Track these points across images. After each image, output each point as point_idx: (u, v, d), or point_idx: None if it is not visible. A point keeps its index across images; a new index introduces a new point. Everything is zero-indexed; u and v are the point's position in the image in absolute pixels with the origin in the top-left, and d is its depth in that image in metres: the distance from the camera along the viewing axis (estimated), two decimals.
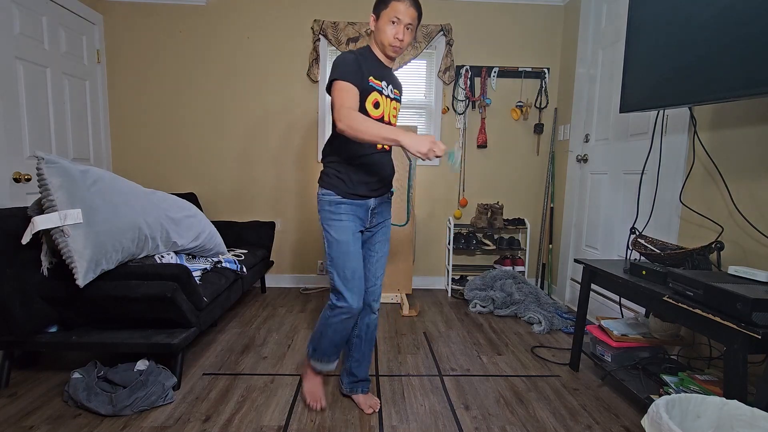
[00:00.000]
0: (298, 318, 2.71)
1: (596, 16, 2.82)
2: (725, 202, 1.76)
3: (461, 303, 3.10)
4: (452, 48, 3.19)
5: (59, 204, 1.58)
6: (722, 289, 1.23)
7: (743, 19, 1.35)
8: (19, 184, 2.25)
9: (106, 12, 3.07)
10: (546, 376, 2.00)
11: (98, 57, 3.02)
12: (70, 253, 1.57)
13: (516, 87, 3.30)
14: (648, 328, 1.90)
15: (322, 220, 1.56)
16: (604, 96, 2.70)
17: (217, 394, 1.78)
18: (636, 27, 1.82)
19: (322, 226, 1.56)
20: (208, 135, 3.25)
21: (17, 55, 2.28)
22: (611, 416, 1.68)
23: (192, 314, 1.86)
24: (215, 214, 3.32)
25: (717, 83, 1.45)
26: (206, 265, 2.23)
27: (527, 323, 2.70)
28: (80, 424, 1.55)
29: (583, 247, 2.91)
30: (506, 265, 3.29)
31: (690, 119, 1.94)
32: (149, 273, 1.79)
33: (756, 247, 1.62)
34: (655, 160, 2.14)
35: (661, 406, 0.98)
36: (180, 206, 2.18)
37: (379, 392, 1.82)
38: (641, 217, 2.23)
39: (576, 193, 3.00)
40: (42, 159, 1.58)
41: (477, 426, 1.59)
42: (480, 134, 3.29)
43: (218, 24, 3.15)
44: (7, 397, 1.71)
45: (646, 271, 1.64)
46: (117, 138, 3.20)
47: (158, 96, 3.19)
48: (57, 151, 2.60)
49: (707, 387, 1.51)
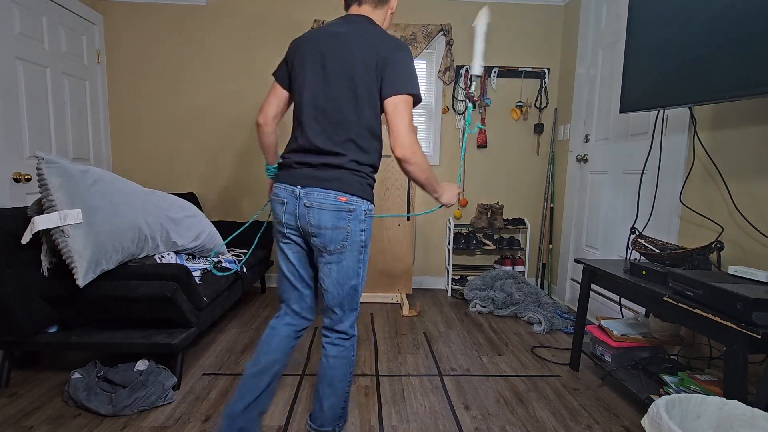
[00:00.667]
0: None
1: (596, 16, 2.82)
2: (725, 202, 1.76)
3: (461, 303, 3.10)
4: (452, 48, 3.19)
5: (59, 204, 1.58)
6: (722, 289, 1.23)
7: (743, 19, 1.35)
8: (19, 184, 2.25)
9: (106, 12, 3.07)
10: (546, 376, 2.00)
11: (98, 57, 3.02)
12: (70, 253, 1.57)
13: (516, 87, 3.30)
14: (648, 328, 1.90)
15: (363, 238, 1.28)
16: (604, 96, 2.70)
17: (217, 394, 1.78)
18: (636, 27, 1.82)
19: (359, 245, 1.27)
20: (208, 135, 3.25)
21: (17, 55, 2.28)
22: (611, 416, 1.68)
23: (192, 314, 1.86)
24: (215, 214, 3.32)
25: (717, 83, 1.45)
26: (206, 265, 2.23)
27: (527, 323, 2.70)
28: (80, 424, 1.55)
29: (583, 247, 2.91)
30: (506, 265, 3.29)
31: (690, 119, 1.94)
32: (149, 273, 1.78)
33: (756, 247, 1.62)
34: (655, 160, 2.14)
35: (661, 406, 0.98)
36: (180, 206, 2.18)
37: (379, 392, 1.82)
38: (641, 217, 2.23)
39: (576, 193, 3.00)
40: (42, 159, 1.58)
41: (477, 426, 1.59)
42: (480, 134, 3.29)
43: (218, 24, 3.15)
44: (7, 397, 1.71)
45: (646, 271, 1.64)
46: (117, 138, 3.20)
47: (158, 96, 3.19)
48: (57, 151, 2.60)
49: (707, 387, 1.51)
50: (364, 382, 1.90)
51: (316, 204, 1.22)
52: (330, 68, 1.23)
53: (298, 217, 1.25)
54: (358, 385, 1.88)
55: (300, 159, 1.26)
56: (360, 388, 1.85)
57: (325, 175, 1.23)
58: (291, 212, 1.26)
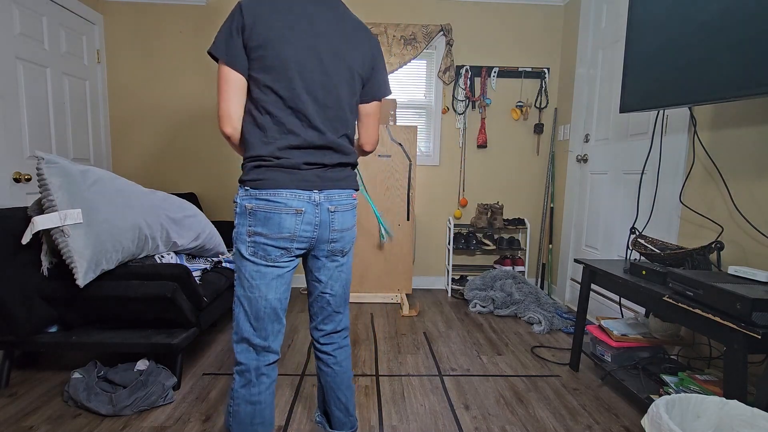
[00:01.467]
0: (299, 318, 2.71)
1: (596, 16, 2.82)
2: (725, 202, 1.76)
3: (461, 303, 3.10)
4: (452, 48, 3.19)
5: (59, 204, 1.58)
6: (722, 289, 1.23)
7: (743, 19, 1.35)
8: (19, 184, 2.25)
9: (106, 12, 3.07)
10: (546, 376, 2.00)
11: (98, 57, 3.02)
12: (70, 253, 1.57)
13: (516, 87, 3.30)
14: (648, 328, 1.90)
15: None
16: (604, 96, 2.70)
17: (217, 394, 1.78)
18: (636, 27, 1.82)
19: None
20: (208, 135, 3.25)
21: (17, 55, 2.28)
22: (611, 416, 1.68)
23: (192, 314, 1.86)
24: (215, 214, 3.32)
25: (717, 83, 1.45)
26: (206, 265, 2.23)
27: (527, 323, 2.70)
28: (80, 424, 1.55)
29: (583, 247, 2.91)
30: (506, 265, 3.29)
31: (690, 119, 1.94)
32: (149, 273, 1.78)
33: (756, 247, 1.62)
34: (655, 160, 2.14)
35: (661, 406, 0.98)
36: (180, 206, 2.18)
37: (379, 392, 1.82)
38: (641, 217, 2.23)
39: (576, 193, 3.00)
40: (42, 159, 1.58)
41: (477, 426, 1.59)
42: (480, 134, 3.29)
43: (218, 24, 3.14)
44: (7, 397, 1.71)
45: (646, 271, 1.64)
46: (117, 138, 3.20)
47: (158, 96, 3.19)
48: (57, 151, 2.60)
49: (707, 387, 1.51)
50: (364, 382, 1.90)
51: (340, 207, 1.14)
52: (326, 56, 1.07)
53: (319, 226, 1.11)
54: (358, 385, 1.88)
55: (309, 158, 1.08)
56: (360, 388, 1.85)
57: (340, 175, 1.14)
58: (310, 222, 1.09)
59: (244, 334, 1.11)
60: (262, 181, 1.05)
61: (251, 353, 1.12)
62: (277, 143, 1.05)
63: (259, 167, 1.06)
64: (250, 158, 1.07)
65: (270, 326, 1.12)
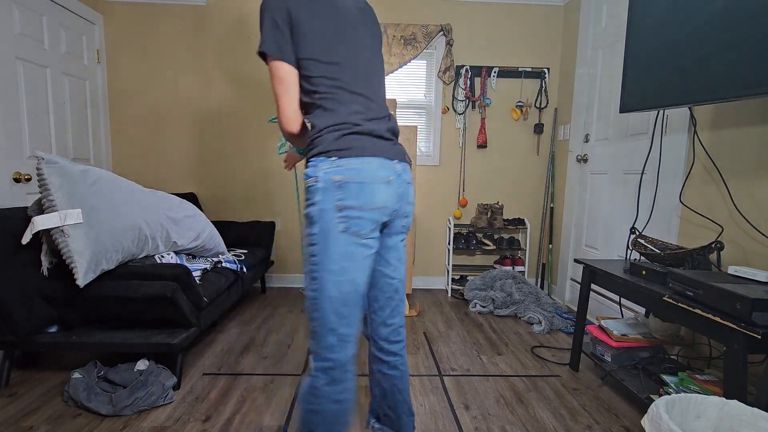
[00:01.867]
0: (299, 318, 2.71)
1: (596, 16, 2.82)
2: (725, 202, 1.76)
3: (461, 303, 3.10)
4: (452, 48, 3.19)
5: (59, 204, 1.58)
6: (722, 289, 1.23)
7: (743, 19, 1.35)
8: (19, 184, 2.25)
9: (106, 12, 3.07)
10: (546, 376, 2.00)
11: (98, 57, 3.02)
12: (70, 253, 1.57)
13: (516, 87, 3.30)
14: (648, 328, 1.90)
15: None
16: (604, 96, 2.70)
17: (217, 394, 1.78)
18: (636, 27, 1.82)
19: None
20: (208, 135, 3.25)
21: (17, 55, 2.28)
22: (611, 416, 1.68)
23: (192, 314, 1.86)
24: (215, 214, 3.32)
25: (717, 83, 1.45)
26: (206, 265, 2.23)
27: (527, 323, 2.70)
28: (80, 424, 1.55)
29: (583, 247, 2.91)
30: (506, 265, 3.29)
31: (690, 119, 1.94)
32: (149, 273, 1.79)
33: (756, 247, 1.62)
34: (655, 160, 2.14)
35: (661, 406, 0.98)
36: (180, 206, 2.19)
37: None
38: (641, 217, 2.23)
39: (576, 193, 3.00)
40: (42, 159, 1.58)
41: (477, 426, 1.59)
42: (480, 134, 3.29)
43: (218, 24, 3.15)
44: (7, 397, 1.71)
45: (646, 271, 1.64)
46: (117, 138, 3.20)
47: (158, 96, 3.19)
48: (57, 151, 2.60)
49: (707, 387, 1.51)
50: (364, 382, 1.90)
51: (410, 179, 1.12)
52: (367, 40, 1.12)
53: (400, 197, 1.07)
54: (359, 385, 1.88)
55: (383, 131, 1.06)
56: (360, 388, 1.85)
57: (402, 149, 1.13)
58: (395, 193, 1.05)
59: (330, 325, 1.01)
60: (350, 150, 0.98)
61: (338, 346, 1.03)
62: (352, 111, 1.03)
63: (343, 135, 0.99)
64: (330, 127, 1.00)
65: (357, 313, 1.05)
